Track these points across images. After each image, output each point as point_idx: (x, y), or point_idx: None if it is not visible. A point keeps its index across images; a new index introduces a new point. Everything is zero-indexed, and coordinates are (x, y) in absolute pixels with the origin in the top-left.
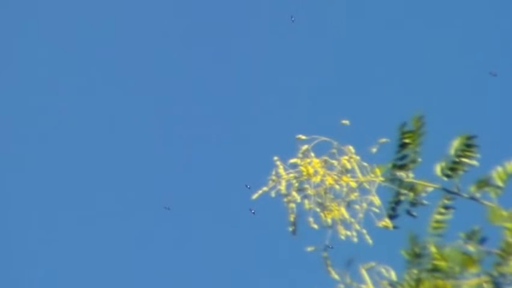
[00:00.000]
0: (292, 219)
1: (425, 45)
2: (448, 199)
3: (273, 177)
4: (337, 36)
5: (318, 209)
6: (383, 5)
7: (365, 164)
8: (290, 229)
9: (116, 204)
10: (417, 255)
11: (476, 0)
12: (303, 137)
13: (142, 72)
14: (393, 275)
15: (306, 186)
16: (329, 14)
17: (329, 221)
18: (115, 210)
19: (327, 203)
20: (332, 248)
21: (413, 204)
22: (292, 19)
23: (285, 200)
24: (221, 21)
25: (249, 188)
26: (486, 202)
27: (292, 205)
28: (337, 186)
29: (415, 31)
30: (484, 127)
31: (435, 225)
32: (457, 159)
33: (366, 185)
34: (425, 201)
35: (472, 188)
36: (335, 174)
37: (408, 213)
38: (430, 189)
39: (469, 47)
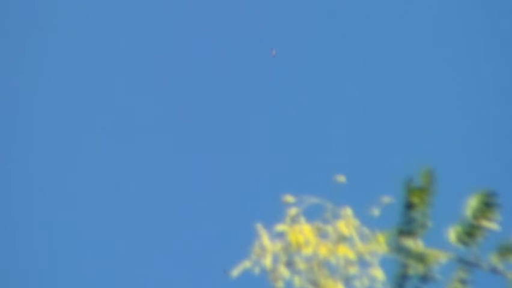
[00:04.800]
0: None
1: (435, 77)
2: (465, 272)
3: (257, 250)
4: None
5: None
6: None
7: (366, 230)
8: None
9: None
10: None
11: None
12: (291, 199)
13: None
14: None
15: (296, 259)
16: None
17: None
18: None
19: (322, 280)
20: None
21: (424, 279)
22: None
23: (271, 277)
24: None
25: (225, 272)
26: (511, 275)
27: (280, 284)
28: (333, 259)
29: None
30: (503, 183)
31: None
32: (475, 222)
33: (367, 257)
34: (437, 275)
35: (494, 258)
36: (329, 244)
37: None
38: (443, 259)
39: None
